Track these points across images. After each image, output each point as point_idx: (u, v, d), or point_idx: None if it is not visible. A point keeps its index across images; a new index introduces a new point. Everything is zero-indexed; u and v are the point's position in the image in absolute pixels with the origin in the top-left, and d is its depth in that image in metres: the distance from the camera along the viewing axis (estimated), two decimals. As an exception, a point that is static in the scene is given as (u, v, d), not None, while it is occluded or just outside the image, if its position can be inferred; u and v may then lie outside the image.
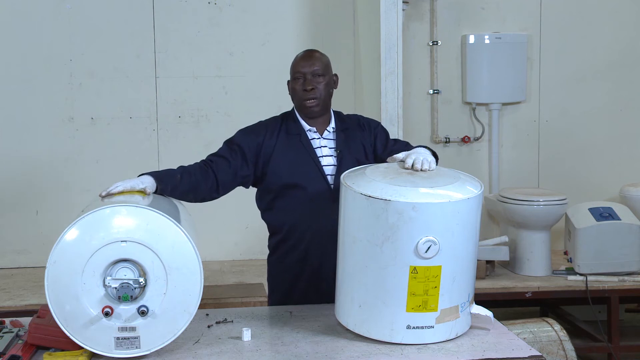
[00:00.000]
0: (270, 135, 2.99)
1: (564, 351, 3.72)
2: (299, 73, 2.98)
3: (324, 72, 2.98)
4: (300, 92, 2.98)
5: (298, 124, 3.02)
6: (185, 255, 2.36)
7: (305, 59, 2.99)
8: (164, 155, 5.23)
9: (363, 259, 2.48)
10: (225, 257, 5.27)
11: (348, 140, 3.01)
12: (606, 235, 4.61)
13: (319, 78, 2.96)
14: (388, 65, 4.58)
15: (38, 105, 5.13)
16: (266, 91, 5.27)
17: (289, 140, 2.99)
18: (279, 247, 3.05)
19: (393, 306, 2.47)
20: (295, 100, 3.03)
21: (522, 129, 5.50)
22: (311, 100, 2.96)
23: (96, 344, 2.35)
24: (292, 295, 3.02)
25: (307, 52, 3.04)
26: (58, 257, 2.31)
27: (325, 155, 2.98)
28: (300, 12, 5.30)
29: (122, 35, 5.16)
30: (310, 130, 3.01)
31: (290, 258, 3.01)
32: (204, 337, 2.58)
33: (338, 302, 2.63)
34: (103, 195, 2.56)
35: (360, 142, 3.02)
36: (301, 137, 2.99)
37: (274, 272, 3.10)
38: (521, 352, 2.43)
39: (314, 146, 2.99)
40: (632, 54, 5.54)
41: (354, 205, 2.50)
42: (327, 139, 3.01)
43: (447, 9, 5.35)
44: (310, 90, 2.95)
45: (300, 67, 2.98)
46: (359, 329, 2.54)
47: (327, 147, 3.00)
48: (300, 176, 2.93)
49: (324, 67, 2.99)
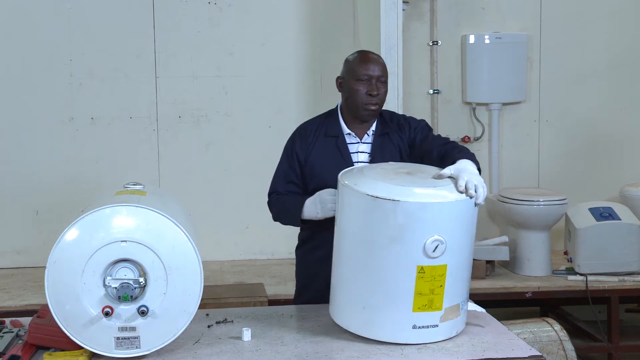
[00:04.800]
0: (312, 136, 3.00)
1: (564, 351, 3.72)
2: (366, 76, 2.93)
3: (386, 80, 2.98)
4: (363, 95, 2.93)
5: (338, 125, 3.01)
6: (186, 255, 2.37)
7: (374, 62, 2.95)
8: (164, 155, 5.23)
9: (367, 261, 2.47)
10: (225, 257, 5.27)
11: (384, 145, 2.98)
12: (606, 235, 4.61)
13: (382, 85, 2.95)
14: (388, 66, 4.54)
15: (38, 105, 5.13)
16: (266, 91, 5.28)
17: (326, 141, 2.99)
18: (304, 244, 3.11)
19: (399, 306, 2.46)
20: (353, 102, 2.96)
21: (522, 129, 5.50)
22: (374, 105, 2.94)
23: (96, 344, 2.35)
24: (308, 291, 3.06)
25: (373, 55, 3.00)
26: (58, 257, 2.31)
27: (362, 161, 2.97)
28: (300, 12, 5.30)
29: (122, 35, 5.16)
30: (349, 134, 3.00)
31: (311, 257, 3.04)
32: (204, 337, 2.58)
33: (335, 304, 2.61)
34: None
35: (397, 146, 2.99)
36: (338, 139, 2.98)
37: (298, 264, 3.16)
38: (521, 352, 2.43)
39: (350, 151, 2.98)
40: (632, 54, 5.54)
41: (358, 206, 2.47)
42: (365, 143, 3.00)
43: (447, 9, 5.35)
44: (375, 96, 2.93)
45: (369, 71, 2.93)
46: (362, 331, 2.52)
47: (365, 153, 2.99)
48: (333, 180, 2.83)
49: (386, 73, 2.99)
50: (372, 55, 3.01)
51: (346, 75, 2.99)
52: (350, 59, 3.02)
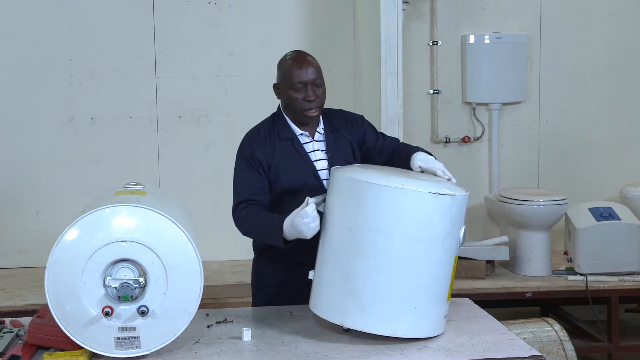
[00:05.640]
0: (269, 142, 2.95)
1: (564, 351, 3.72)
2: (300, 83, 2.88)
3: (321, 79, 2.92)
4: (301, 102, 2.90)
5: (289, 128, 2.97)
6: (186, 255, 2.37)
7: (306, 66, 2.89)
8: (164, 155, 5.23)
9: (421, 259, 2.46)
10: (225, 257, 5.27)
11: (337, 141, 2.98)
12: (606, 235, 4.61)
13: (318, 87, 2.91)
14: (388, 66, 4.58)
15: (38, 105, 5.13)
16: (266, 91, 5.18)
17: (282, 145, 2.95)
18: (269, 250, 2.96)
19: (442, 299, 2.55)
20: (293, 110, 2.94)
21: (522, 129, 5.49)
22: (313, 110, 2.90)
23: (96, 343, 2.35)
24: (277, 300, 2.98)
25: (302, 58, 2.93)
26: (58, 257, 2.31)
27: (319, 159, 2.96)
28: (300, 12, 5.30)
29: (122, 35, 5.16)
30: (302, 134, 2.97)
31: (280, 262, 2.96)
32: (204, 337, 2.58)
33: (373, 313, 2.47)
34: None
35: (348, 141, 3.00)
36: (294, 142, 2.95)
37: (262, 272, 3.06)
38: (521, 352, 2.43)
39: (307, 150, 2.96)
40: (632, 54, 5.54)
41: (416, 205, 2.43)
42: (318, 141, 2.99)
43: (447, 9, 5.35)
44: (313, 101, 2.89)
45: (302, 77, 2.88)
46: (413, 332, 2.50)
47: (320, 150, 2.97)
48: (297, 182, 2.90)
49: (320, 73, 2.93)
50: (301, 58, 2.93)
51: (282, 83, 2.95)
52: (281, 65, 2.96)
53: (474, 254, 4.65)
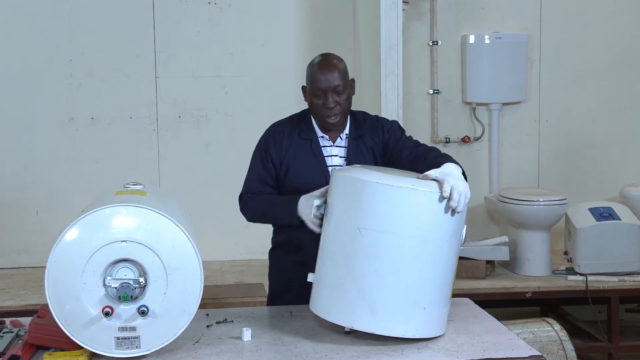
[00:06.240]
0: (287, 139, 2.95)
1: (564, 351, 3.72)
2: (320, 90, 2.83)
3: (344, 86, 2.85)
4: (321, 108, 2.86)
5: (311, 128, 2.96)
6: (186, 255, 2.37)
7: (328, 73, 2.83)
8: (164, 155, 5.23)
9: (432, 259, 2.46)
10: (225, 257, 5.27)
11: (358, 148, 2.94)
12: (606, 235, 4.61)
13: (339, 94, 2.85)
14: (388, 66, 4.58)
15: (38, 105, 5.13)
16: (266, 91, 5.28)
17: (299, 144, 2.94)
18: (279, 247, 3.06)
19: (448, 298, 2.55)
20: (314, 114, 2.92)
21: (522, 129, 5.49)
22: (333, 117, 2.86)
23: (96, 344, 2.35)
24: (285, 295, 3.01)
25: (325, 64, 2.86)
26: (58, 257, 2.31)
27: (336, 165, 2.93)
28: (300, 12, 5.30)
29: (122, 35, 5.17)
30: (323, 137, 2.95)
31: (288, 260, 3.00)
32: (204, 337, 2.58)
33: (384, 314, 2.45)
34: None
35: (371, 149, 2.94)
36: (312, 143, 2.94)
37: (273, 267, 3.13)
38: (521, 352, 2.43)
39: (324, 154, 2.94)
40: (632, 54, 5.54)
41: (427, 205, 2.42)
42: (339, 146, 2.95)
43: (447, 9, 5.35)
44: (332, 108, 2.85)
45: (322, 84, 2.83)
46: (420, 332, 2.48)
47: (338, 156, 2.94)
48: (307, 182, 2.86)
49: (344, 79, 2.85)
50: (327, 63, 2.86)
51: (307, 86, 2.93)
52: (308, 69, 2.92)
53: (474, 254, 4.65)
